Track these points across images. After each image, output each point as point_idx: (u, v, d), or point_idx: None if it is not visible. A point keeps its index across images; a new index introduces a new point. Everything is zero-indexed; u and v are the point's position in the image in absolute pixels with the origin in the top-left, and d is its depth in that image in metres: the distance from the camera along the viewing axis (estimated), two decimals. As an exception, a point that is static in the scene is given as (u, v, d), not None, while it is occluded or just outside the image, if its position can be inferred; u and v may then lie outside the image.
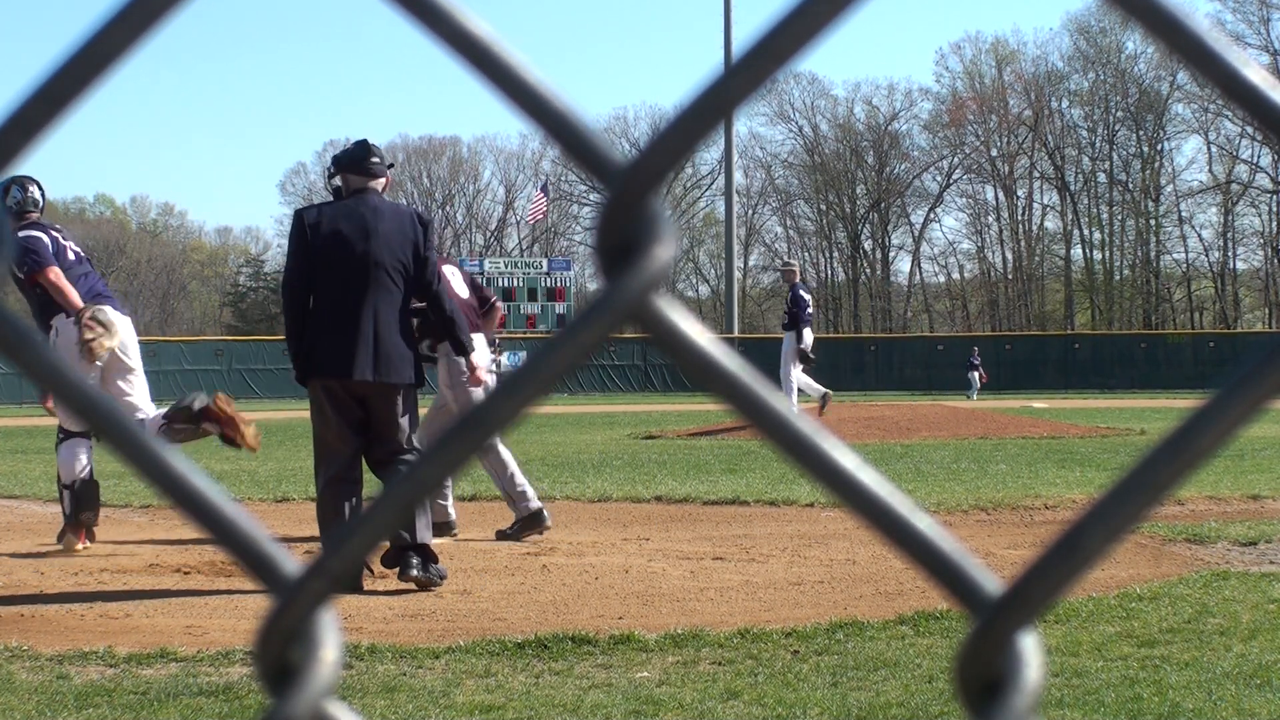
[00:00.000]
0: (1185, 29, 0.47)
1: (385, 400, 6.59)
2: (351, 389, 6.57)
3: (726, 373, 0.50)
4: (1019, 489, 10.47)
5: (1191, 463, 0.47)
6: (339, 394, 6.58)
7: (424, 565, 6.47)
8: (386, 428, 6.61)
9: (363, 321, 6.51)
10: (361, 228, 6.58)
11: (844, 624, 5.40)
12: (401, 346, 6.60)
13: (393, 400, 6.61)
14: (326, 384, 6.56)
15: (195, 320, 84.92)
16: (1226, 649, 4.94)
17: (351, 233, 6.56)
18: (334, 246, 6.54)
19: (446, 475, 0.51)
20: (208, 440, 7.48)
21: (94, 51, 0.51)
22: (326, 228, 6.57)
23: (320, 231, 6.56)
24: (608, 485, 11.26)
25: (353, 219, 6.59)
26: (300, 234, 6.61)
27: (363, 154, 6.82)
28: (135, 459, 0.53)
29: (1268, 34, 66.58)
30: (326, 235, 6.55)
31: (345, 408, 6.59)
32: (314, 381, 6.59)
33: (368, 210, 6.63)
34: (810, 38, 0.48)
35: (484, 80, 0.50)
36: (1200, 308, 73.10)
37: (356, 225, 6.58)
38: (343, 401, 6.58)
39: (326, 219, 6.61)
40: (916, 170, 76.41)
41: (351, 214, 6.61)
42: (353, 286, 6.53)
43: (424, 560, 6.48)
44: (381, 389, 6.56)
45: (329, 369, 6.53)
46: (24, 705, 4.38)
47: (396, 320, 6.60)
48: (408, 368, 6.62)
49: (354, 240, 6.55)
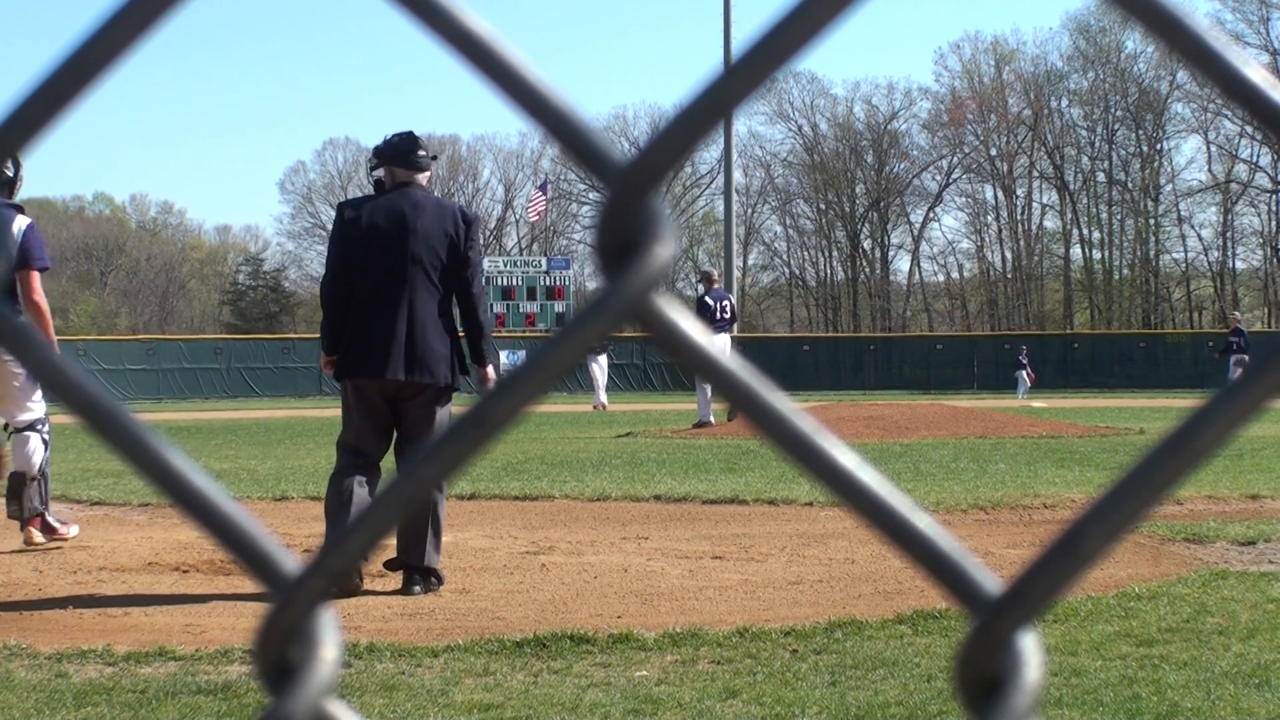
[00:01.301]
0: (1185, 28, 0.47)
1: (417, 401, 6.45)
2: (384, 389, 6.44)
3: (726, 372, 0.50)
4: (1018, 488, 10.47)
5: (1191, 462, 0.47)
6: (369, 394, 6.45)
7: (426, 584, 6.40)
8: (417, 429, 6.45)
9: (398, 320, 6.36)
10: (401, 223, 6.41)
11: (843, 623, 5.40)
12: (437, 346, 6.43)
13: (425, 401, 6.46)
14: (358, 383, 6.45)
15: (194, 319, 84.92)
16: (1225, 648, 4.94)
17: (390, 228, 6.41)
18: (372, 242, 6.39)
19: (446, 475, 0.51)
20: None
21: (95, 50, 0.51)
22: (365, 221, 6.41)
23: (359, 226, 6.42)
24: (606, 484, 11.25)
25: (393, 214, 6.42)
26: (339, 228, 6.49)
27: (409, 146, 6.59)
28: (135, 457, 0.53)
29: (1267, 33, 66.63)
30: (365, 230, 6.40)
31: (373, 409, 6.48)
32: (346, 380, 6.49)
33: (409, 205, 6.45)
34: (810, 37, 0.48)
35: (483, 79, 0.50)
36: (1199, 307, 73.13)
37: (396, 220, 6.41)
38: (371, 402, 6.47)
39: (366, 213, 6.44)
40: (916, 170, 76.43)
41: (392, 209, 6.44)
42: (390, 283, 6.38)
43: (426, 578, 6.41)
44: (414, 389, 6.41)
45: (361, 369, 6.40)
46: (23, 703, 4.37)
47: (434, 319, 6.43)
48: (443, 368, 6.44)
49: (392, 236, 6.39)
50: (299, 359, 44.18)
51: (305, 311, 77.77)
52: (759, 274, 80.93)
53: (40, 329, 7.39)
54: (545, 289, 52.93)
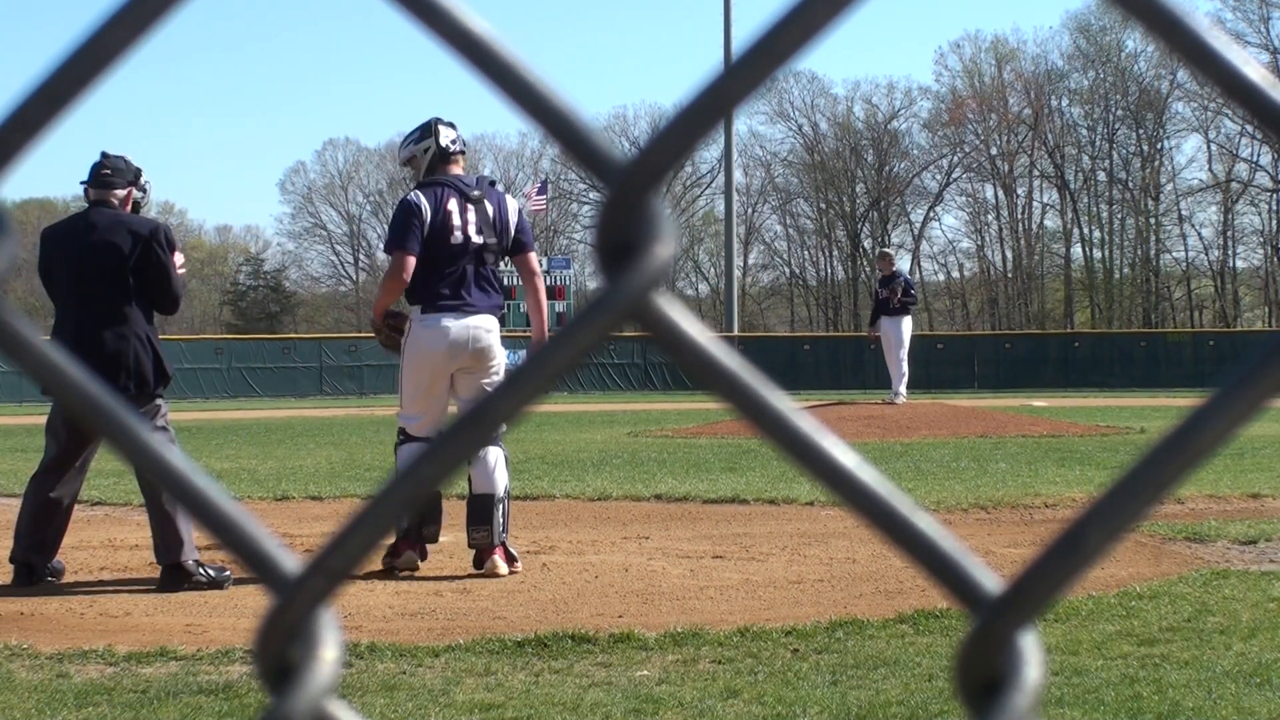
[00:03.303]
0: (1185, 28, 0.47)
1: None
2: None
3: (726, 371, 0.50)
4: (1019, 487, 10.47)
5: (1191, 461, 0.47)
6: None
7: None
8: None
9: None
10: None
11: (844, 622, 5.40)
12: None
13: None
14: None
15: (195, 319, 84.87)
16: (1226, 647, 4.94)
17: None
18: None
19: (446, 474, 0.51)
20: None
21: (94, 50, 0.51)
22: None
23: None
24: (607, 484, 11.25)
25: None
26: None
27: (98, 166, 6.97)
28: (136, 458, 0.53)
29: (1268, 32, 66.59)
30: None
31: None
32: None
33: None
34: (810, 36, 0.48)
35: (483, 78, 0.50)
36: (1200, 306, 73.11)
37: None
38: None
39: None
40: (916, 169, 76.41)
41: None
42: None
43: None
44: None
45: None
46: (24, 703, 4.38)
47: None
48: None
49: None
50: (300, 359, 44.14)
51: (306, 311, 77.80)
52: (759, 273, 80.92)
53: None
54: (545, 288, 52.94)
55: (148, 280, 6.70)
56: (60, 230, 6.96)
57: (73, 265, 6.70)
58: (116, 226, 6.74)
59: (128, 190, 6.94)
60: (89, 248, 6.69)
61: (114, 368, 6.56)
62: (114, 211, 6.83)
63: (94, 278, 6.66)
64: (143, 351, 6.70)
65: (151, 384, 6.74)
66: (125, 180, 6.93)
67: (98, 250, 6.68)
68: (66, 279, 6.71)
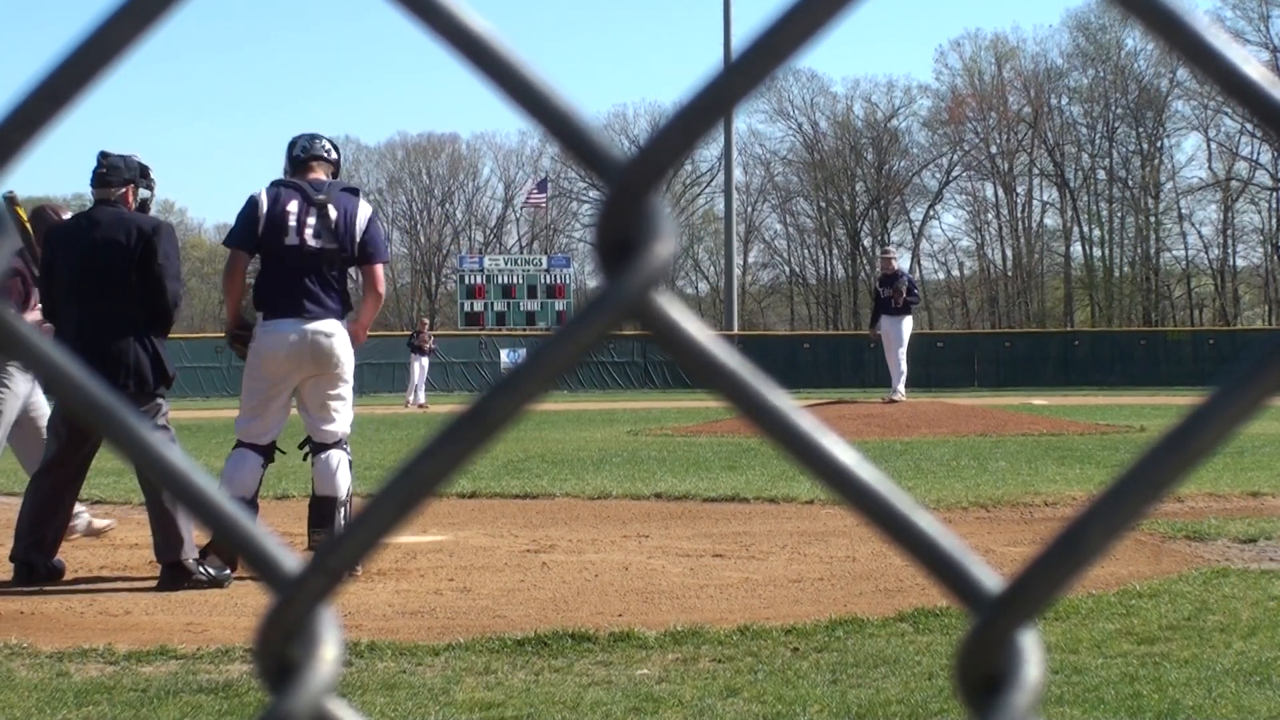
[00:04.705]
0: (1184, 26, 0.47)
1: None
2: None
3: (726, 370, 0.50)
4: (1019, 486, 10.47)
5: (1191, 460, 0.47)
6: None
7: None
8: None
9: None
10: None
11: (844, 621, 5.40)
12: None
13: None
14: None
15: (195, 318, 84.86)
16: (1226, 646, 4.94)
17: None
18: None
19: (446, 473, 0.51)
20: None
21: (95, 48, 0.51)
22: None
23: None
24: (607, 482, 11.25)
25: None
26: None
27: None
28: (136, 456, 0.53)
29: (1267, 31, 66.61)
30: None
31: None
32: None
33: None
34: (810, 35, 0.48)
35: (483, 77, 0.50)
36: (1200, 305, 73.13)
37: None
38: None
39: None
40: (916, 167, 76.42)
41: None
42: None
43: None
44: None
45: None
46: (24, 702, 4.38)
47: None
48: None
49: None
50: (299, 358, 44.16)
51: (306, 310, 77.65)
52: (759, 272, 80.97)
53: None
54: (546, 287, 52.94)
55: (147, 279, 6.70)
56: (64, 229, 6.97)
57: (74, 263, 6.70)
58: (118, 224, 6.74)
59: (127, 188, 6.93)
60: (90, 246, 6.70)
61: (114, 366, 6.56)
62: (117, 210, 6.83)
63: (94, 275, 6.66)
64: (142, 350, 6.70)
65: (151, 382, 6.73)
66: (122, 178, 6.92)
67: (99, 248, 6.68)
68: (67, 277, 6.72)
